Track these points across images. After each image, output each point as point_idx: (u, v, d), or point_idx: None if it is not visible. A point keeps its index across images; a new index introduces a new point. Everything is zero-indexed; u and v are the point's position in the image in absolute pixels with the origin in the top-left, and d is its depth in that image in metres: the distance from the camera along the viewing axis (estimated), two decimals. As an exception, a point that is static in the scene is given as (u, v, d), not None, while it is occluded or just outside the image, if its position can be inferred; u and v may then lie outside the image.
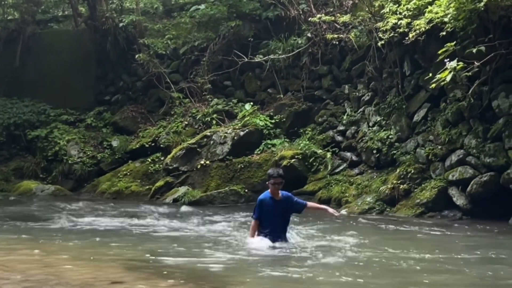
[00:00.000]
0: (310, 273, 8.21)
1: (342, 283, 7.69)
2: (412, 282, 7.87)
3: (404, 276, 8.19)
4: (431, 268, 8.70)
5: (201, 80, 20.18)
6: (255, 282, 7.86)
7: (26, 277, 7.71)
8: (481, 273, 8.32)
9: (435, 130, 15.11)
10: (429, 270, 8.57)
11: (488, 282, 8.00)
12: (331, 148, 17.30)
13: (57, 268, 8.34)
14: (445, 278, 8.06)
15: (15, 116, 21.59)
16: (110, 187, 18.96)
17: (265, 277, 8.12)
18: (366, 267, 8.63)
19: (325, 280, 7.84)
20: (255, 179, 17.21)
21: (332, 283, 7.68)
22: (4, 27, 23.78)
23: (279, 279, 7.98)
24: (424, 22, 14.64)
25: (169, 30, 21.80)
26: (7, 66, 22.77)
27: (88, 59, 22.68)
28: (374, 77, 16.93)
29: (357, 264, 8.86)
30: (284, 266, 8.66)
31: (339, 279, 7.84)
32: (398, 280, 7.97)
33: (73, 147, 20.58)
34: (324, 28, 18.24)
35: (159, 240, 11.01)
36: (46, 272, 8.01)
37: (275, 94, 19.31)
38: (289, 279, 7.98)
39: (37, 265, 8.55)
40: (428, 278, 7.99)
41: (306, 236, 11.19)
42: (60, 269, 8.31)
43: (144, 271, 8.23)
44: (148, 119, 20.94)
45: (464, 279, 8.02)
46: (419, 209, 14.32)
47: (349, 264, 8.84)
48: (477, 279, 8.09)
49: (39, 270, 8.13)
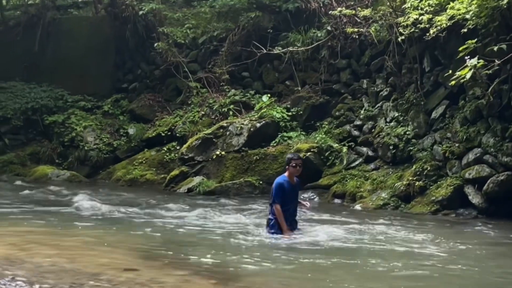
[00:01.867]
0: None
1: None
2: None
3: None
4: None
5: (219, 71, 20.15)
6: (269, 274, 7.84)
7: (39, 262, 7.74)
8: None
9: (453, 128, 15.00)
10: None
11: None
12: (347, 143, 17.21)
13: (70, 254, 8.37)
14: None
15: (32, 101, 21.67)
16: (125, 175, 19.01)
17: (279, 269, 8.09)
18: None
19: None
20: (270, 171, 17.16)
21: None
22: (24, 12, 23.84)
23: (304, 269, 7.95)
24: (446, 18, 14.53)
25: (188, 20, 21.77)
26: (26, 51, 22.84)
27: (107, 46, 22.70)
28: (393, 72, 16.83)
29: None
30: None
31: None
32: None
33: (89, 134, 20.64)
34: (344, 21, 18.13)
35: (175, 229, 11.02)
36: (60, 258, 8.05)
37: (293, 87, 19.25)
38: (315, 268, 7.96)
39: (50, 250, 8.58)
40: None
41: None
42: (73, 255, 8.34)
43: (158, 260, 8.25)
44: (165, 108, 20.95)
45: None
46: (434, 207, 14.24)
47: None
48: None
49: (52, 256, 8.16)
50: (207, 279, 7.23)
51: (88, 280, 6.88)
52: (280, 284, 7.41)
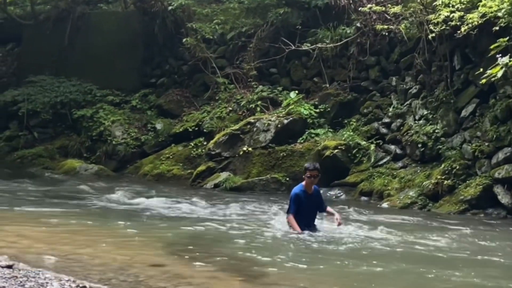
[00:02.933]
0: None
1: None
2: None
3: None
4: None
5: (247, 67, 20.12)
6: (297, 272, 7.80)
7: (67, 255, 7.80)
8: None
9: (483, 127, 14.83)
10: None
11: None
12: (375, 140, 17.09)
13: (98, 248, 8.42)
14: None
15: (61, 95, 21.81)
16: (152, 170, 19.07)
17: (307, 267, 8.04)
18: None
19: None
20: (297, 168, 17.07)
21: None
22: (54, 6, 24.02)
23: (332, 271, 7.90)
24: (477, 16, 14.36)
25: (217, 15, 21.76)
26: (56, 45, 23.00)
27: (136, 41, 22.77)
28: (423, 70, 16.67)
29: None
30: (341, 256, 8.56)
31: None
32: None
33: (117, 128, 20.74)
34: (374, 18, 17.99)
35: (202, 225, 11.02)
36: (88, 252, 8.09)
37: (321, 83, 19.15)
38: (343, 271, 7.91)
39: (79, 244, 8.64)
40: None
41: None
42: (102, 248, 8.38)
43: (185, 256, 8.25)
44: (193, 104, 20.97)
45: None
46: (462, 206, 14.09)
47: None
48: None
49: (80, 249, 8.21)
50: (234, 276, 7.22)
51: (115, 275, 6.91)
52: (309, 281, 7.36)
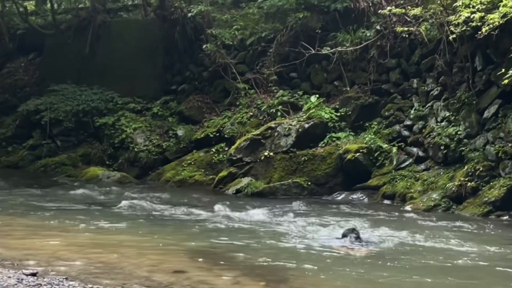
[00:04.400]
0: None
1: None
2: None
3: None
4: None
5: (267, 72, 20.12)
6: (321, 278, 7.77)
7: (91, 262, 7.84)
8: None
9: (506, 127, 14.69)
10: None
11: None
12: (397, 143, 17.00)
13: (122, 254, 8.45)
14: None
15: (83, 103, 21.96)
16: (175, 176, 19.12)
17: (331, 273, 8.00)
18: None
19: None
20: (319, 172, 17.08)
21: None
22: (75, 15, 24.22)
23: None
24: (498, 16, 14.23)
25: (236, 21, 21.80)
26: (77, 54, 23.17)
27: (156, 49, 22.87)
28: (444, 71, 16.56)
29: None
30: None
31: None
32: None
33: (139, 135, 20.83)
34: (394, 20, 17.91)
35: (226, 231, 11.04)
36: (112, 258, 8.13)
37: (341, 87, 19.10)
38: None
39: (103, 250, 8.68)
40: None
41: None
42: (126, 255, 8.42)
43: (208, 262, 8.25)
44: (214, 109, 21.02)
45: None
46: (486, 208, 13.98)
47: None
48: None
49: (105, 256, 8.25)
50: (257, 281, 7.22)
51: (138, 282, 6.93)
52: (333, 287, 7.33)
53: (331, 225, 11.48)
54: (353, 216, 12.95)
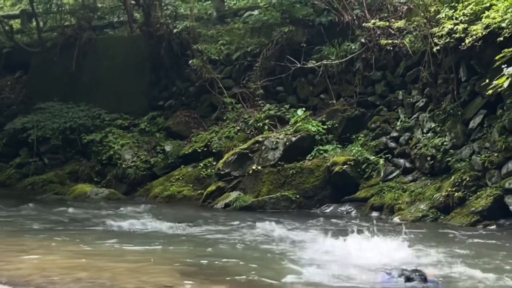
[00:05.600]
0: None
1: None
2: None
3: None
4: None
5: (254, 86, 20.20)
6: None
7: (80, 279, 7.82)
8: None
9: (491, 137, 14.81)
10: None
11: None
12: (384, 155, 17.09)
13: (111, 271, 8.43)
14: None
15: (70, 121, 21.94)
16: (163, 191, 19.11)
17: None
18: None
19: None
20: (307, 185, 17.13)
21: None
22: (61, 33, 24.25)
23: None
24: (481, 27, 14.38)
25: (222, 36, 21.89)
26: (63, 71, 23.19)
27: (142, 65, 22.92)
28: (429, 83, 16.69)
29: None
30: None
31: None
32: None
33: (127, 152, 20.80)
34: (378, 33, 18.06)
35: (214, 244, 11.01)
36: (100, 275, 8.11)
37: (328, 100, 19.20)
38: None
39: (93, 267, 8.66)
40: None
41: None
42: (114, 271, 8.40)
43: (197, 276, 8.25)
44: (201, 124, 21.05)
45: None
46: (474, 218, 14.06)
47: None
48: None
49: (94, 273, 8.23)
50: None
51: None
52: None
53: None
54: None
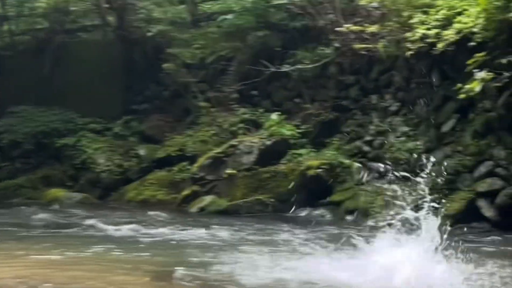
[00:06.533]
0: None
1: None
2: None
3: None
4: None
5: (228, 90, 20.20)
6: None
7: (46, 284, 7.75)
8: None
9: (463, 141, 14.95)
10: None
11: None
12: (358, 158, 17.18)
13: (82, 276, 8.38)
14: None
15: (43, 125, 21.73)
16: (137, 196, 19.02)
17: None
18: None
19: None
20: (282, 189, 17.13)
21: None
22: (33, 36, 24.02)
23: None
24: (453, 32, 14.53)
25: (196, 40, 21.84)
26: (36, 75, 22.94)
27: (116, 69, 22.78)
28: (402, 87, 16.82)
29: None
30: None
31: None
32: None
33: (100, 156, 20.67)
34: (352, 38, 18.13)
35: (186, 249, 10.98)
36: (71, 281, 8.06)
37: (302, 104, 19.25)
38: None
39: (62, 273, 8.59)
40: None
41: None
42: (84, 277, 8.34)
43: (174, 281, 8.23)
44: (175, 128, 20.98)
45: None
46: (447, 221, 14.13)
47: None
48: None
49: (63, 279, 8.17)
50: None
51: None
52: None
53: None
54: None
